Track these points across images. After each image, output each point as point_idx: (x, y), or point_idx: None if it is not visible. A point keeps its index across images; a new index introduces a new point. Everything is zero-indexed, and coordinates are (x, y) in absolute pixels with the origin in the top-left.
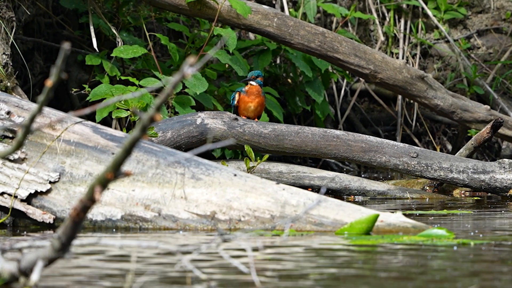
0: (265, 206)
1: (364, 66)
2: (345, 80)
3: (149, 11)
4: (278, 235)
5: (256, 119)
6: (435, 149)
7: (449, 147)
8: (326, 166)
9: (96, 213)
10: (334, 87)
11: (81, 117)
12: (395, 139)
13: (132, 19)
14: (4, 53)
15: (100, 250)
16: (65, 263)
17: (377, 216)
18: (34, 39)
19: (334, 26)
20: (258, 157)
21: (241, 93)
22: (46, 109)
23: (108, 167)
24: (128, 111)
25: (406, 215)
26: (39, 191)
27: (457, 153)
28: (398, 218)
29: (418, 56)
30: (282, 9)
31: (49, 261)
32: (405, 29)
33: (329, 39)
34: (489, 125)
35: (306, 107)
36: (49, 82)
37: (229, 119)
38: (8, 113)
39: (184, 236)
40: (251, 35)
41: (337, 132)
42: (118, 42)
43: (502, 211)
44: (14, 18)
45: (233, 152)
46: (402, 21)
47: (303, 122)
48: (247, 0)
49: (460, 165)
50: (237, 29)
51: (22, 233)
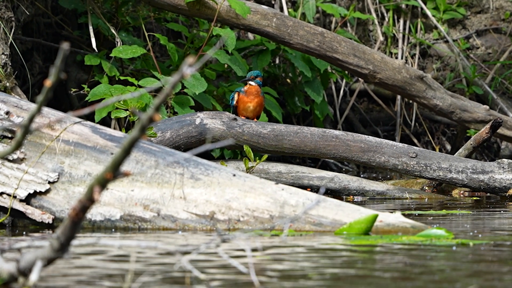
0: (264, 206)
1: (363, 66)
2: (344, 80)
3: (148, 11)
4: (277, 235)
5: (255, 119)
6: (434, 149)
7: (448, 147)
8: (325, 166)
9: (95, 213)
10: (333, 87)
11: (80, 117)
12: (394, 139)
13: (131, 19)
14: (3, 53)
15: (100, 250)
16: (66, 263)
17: (376, 216)
18: (33, 39)
19: (333, 26)
20: (257, 157)
21: (240, 93)
22: (45, 109)
23: (107, 167)
24: (127, 111)
25: (405, 215)
26: (38, 191)
27: (456, 153)
28: (397, 218)
29: (417, 56)
30: (281, 9)
31: (48, 261)
32: (404, 29)
33: (328, 39)
34: (488, 125)
35: (305, 107)
36: (48, 82)
37: (228, 119)
38: (7, 113)
39: (183, 236)
40: (250, 35)
41: (336, 132)
42: (117, 42)
43: (501, 211)
44: (13, 18)
45: (232, 152)
46: (401, 21)
47: (302, 122)
48: (246, 0)
49: (459, 165)
50: (236, 29)
51: (21, 233)
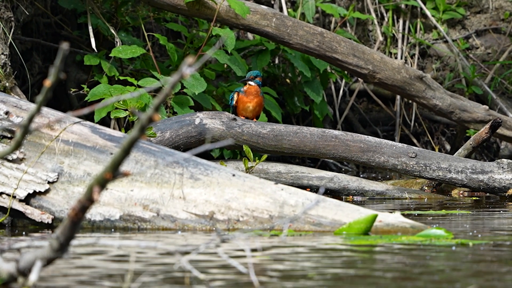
0: (264, 206)
1: (363, 66)
2: (344, 80)
3: (148, 11)
4: (277, 235)
5: (255, 119)
6: (434, 149)
7: (448, 147)
8: (325, 166)
9: (95, 213)
10: (333, 87)
11: (80, 117)
12: (394, 139)
13: (131, 19)
14: (3, 53)
15: (100, 250)
16: (66, 263)
17: (376, 216)
18: (33, 39)
19: (333, 26)
20: (257, 157)
21: (240, 93)
22: (45, 109)
23: (107, 167)
24: (127, 111)
25: (405, 215)
26: (38, 191)
27: (456, 153)
28: (397, 218)
29: (417, 56)
30: (281, 9)
31: (48, 261)
32: (404, 29)
33: (328, 39)
34: (488, 125)
35: (305, 107)
36: (48, 82)
37: (228, 119)
38: (7, 113)
39: (183, 236)
40: (250, 35)
41: (336, 132)
42: (117, 42)
43: (501, 211)
44: (13, 18)
45: (232, 152)
46: (401, 21)
47: (302, 122)
48: (246, 0)
49: (459, 165)
50: (236, 29)
51: (21, 233)
